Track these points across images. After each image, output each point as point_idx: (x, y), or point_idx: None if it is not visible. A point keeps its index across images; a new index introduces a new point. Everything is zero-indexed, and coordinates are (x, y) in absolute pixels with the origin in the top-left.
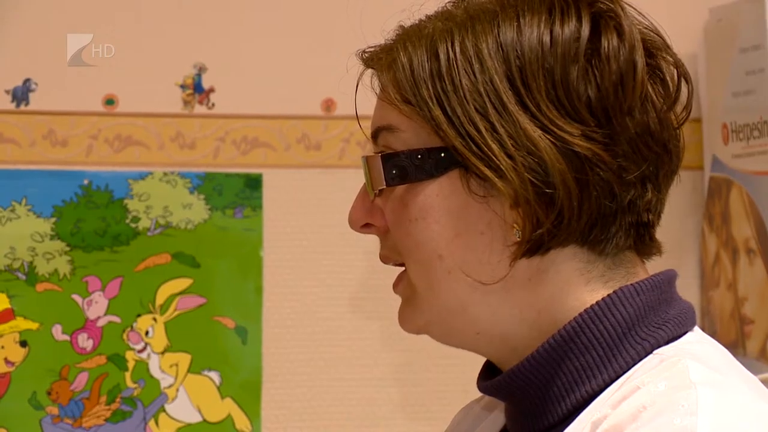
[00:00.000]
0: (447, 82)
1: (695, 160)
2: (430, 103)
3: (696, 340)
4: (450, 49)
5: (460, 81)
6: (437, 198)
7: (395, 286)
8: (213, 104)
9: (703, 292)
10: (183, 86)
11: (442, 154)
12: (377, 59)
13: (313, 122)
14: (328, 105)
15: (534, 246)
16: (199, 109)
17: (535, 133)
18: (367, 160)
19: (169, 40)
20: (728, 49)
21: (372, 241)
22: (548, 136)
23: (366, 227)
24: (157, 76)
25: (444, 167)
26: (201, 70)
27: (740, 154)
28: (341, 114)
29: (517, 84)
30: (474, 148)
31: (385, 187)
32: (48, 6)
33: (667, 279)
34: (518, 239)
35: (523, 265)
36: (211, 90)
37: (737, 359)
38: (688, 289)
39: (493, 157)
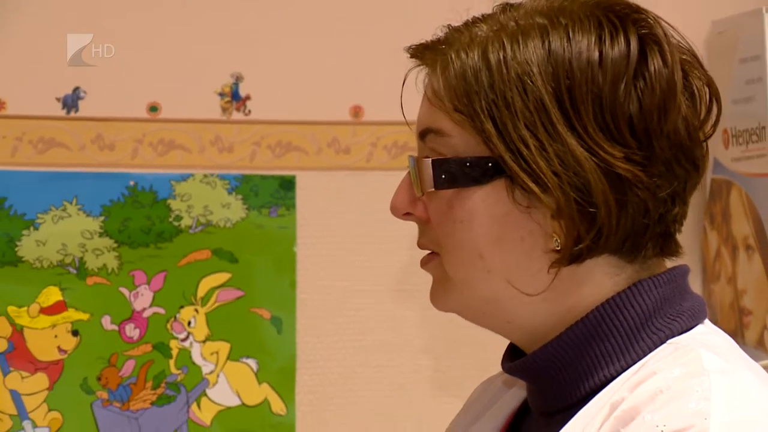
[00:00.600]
0: (499, 97)
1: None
2: (482, 116)
3: (707, 331)
4: (502, 62)
5: (512, 98)
6: (482, 204)
7: (424, 264)
8: (249, 111)
9: (705, 286)
10: (221, 94)
11: (490, 164)
12: (428, 57)
13: (343, 127)
14: (357, 111)
15: (572, 258)
16: (237, 115)
17: (582, 154)
18: (417, 162)
19: (209, 51)
20: (729, 60)
21: (398, 238)
22: (593, 158)
23: (407, 215)
24: (197, 84)
25: (491, 176)
26: (238, 79)
27: (739, 158)
28: (369, 120)
29: (566, 105)
30: (522, 163)
31: (434, 190)
32: (99, 20)
33: (681, 273)
34: (557, 248)
35: (559, 272)
36: (248, 98)
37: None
38: (691, 283)
39: (540, 174)
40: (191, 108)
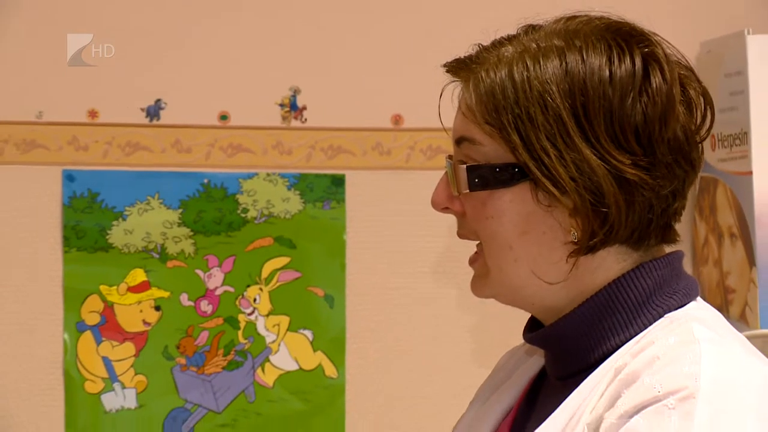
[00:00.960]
0: (523, 112)
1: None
2: (509, 129)
3: (699, 307)
4: (526, 81)
5: (534, 113)
6: (510, 203)
7: (472, 262)
8: (305, 119)
9: (695, 268)
10: (282, 105)
11: (516, 170)
12: (462, 74)
13: (385, 133)
14: (397, 119)
15: (588, 249)
16: (294, 123)
17: (595, 162)
18: (453, 166)
19: (271, 67)
20: (715, 74)
21: (433, 228)
22: (605, 165)
23: (445, 209)
24: (261, 96)
25: (517, 180)
26: (296, 92)
27: (725, 159)
28: (407, 127)
29: (581, 119)
30: (544, 169)
31: (468, 191)
32: (185, 44)
33: (678, 258)
34: (574, 240)
35: (577, 261)
36: (304, 108)
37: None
38: (684, 266)
39: (559, 179)
40: (256, 117)
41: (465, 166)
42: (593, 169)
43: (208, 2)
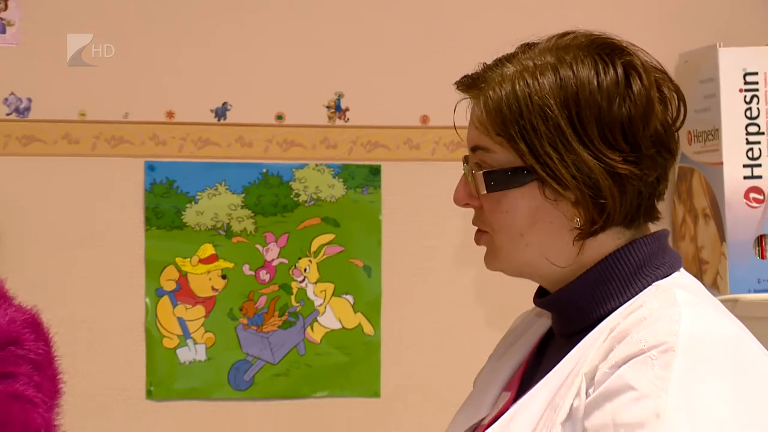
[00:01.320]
0: (527, 124)
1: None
2: (516, 138)
3: (681, 276)
4: (528, 97)
5: (537, 124)
6: (522, 200)
7: (477, 240)
8: (348, 119)
9: (674, 243)
10: (328, 107)
11: (525, 172)
12: (472, 92)
13: (414, 131)
14: (424, 119)
15: (589, 234)
16: (339, 122)
17: (591, 161)
18: (471, 170)
19: (319, 75)
20: (692, 81)
21: (454, 210)
22: (600, 163)
23: (465, 205)
24: (310, 100)
25: (526, 180)
26: (340, 96)
27: (699, 151)
28: (433, 125)
29: (576, 125)
30: (548, 171)
31: (486, 193)
32: (244, 50)
33: (664, 235)
34: (577, 226)
35: (577, 243)
36: (347, 109)
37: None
38: None
39: (562, 178)
40: (306, 117)
41: (482, 172)
42: (590, 167)
43: (268, 23)
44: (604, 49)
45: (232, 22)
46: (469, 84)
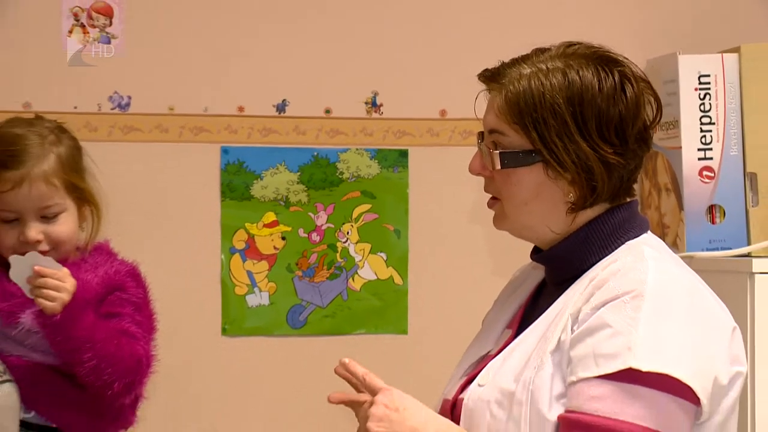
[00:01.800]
0: (539, 117)
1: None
2: (529, 127)
3: (648, 237)
4: (541, 94)
5: (547, 117)
6: (528, 176)
7: (490, 206)
8: (382, 112)
9: (642, 212)
10: (366, 103)
11: (533, 154)
12: (493, 86)
13: (435, 122)
14: (443, 112)
15: (581, 208)
16: (374, 115)
17: (588, 151)
18: (487, 149)
19: (358, 78)
20: (657, 81)
21: (468, 184)
22: (595, 153)
23: (478, 174)
24: (352, 97)
25: (534, 161)
26: (375, 94)
27: (663, 138)
28: (449, 117)
29: (579, 122)
30: (553, 155)
31: (500, 168)
32: (299, 56)
33: (635, 204)
34: (571, 201)
35: (570, 215)
36: (381, 105)
37: (672, 250)
38: None
39: (564, 162)
40: (349, 110)
41: (498, 152)
42: (587, 156)
43: (319, 37)
44: (604, 60)
45: (290, 36)
46: (490, 77)
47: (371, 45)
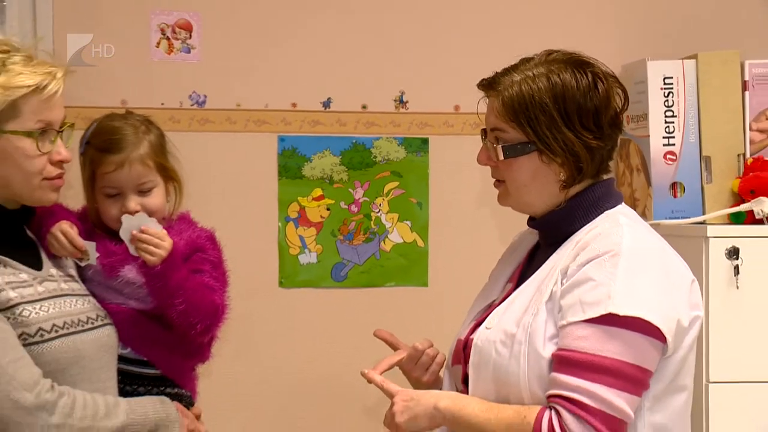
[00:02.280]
0: (531, 114)
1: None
2: (524, 124)
3: (623, 207)
4: (531, 96)
5: (537, 115)
6: (526, 163)
7: (497, 186)
8: (408, 108)
9: (617, 188)
10: (395, 100)
11: (529, 145)
12: (491, 89)
13: (450, 115)
14: (457, 108)
15: (569, 186)
16: (402, 110)
17: (573, 140)
18: (491, 143)
19: (388, 80)
20: (629, 82)
21: (477, 167)
22: (579, 140)
23: (485, 164)
24: (385, 95)
25: (530, 151)
26: (402, 93)
27: (634, 128)
28: (462, 112)
29: (564, 116)
30: (545, 145)
31: (503, 159)
32: (343, 62)
33: (611, 181)
34: (562, 180)
35: (562, 191)
36: (407, 102)
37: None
38: None
39: (554, 150)
40: (381, 106)
41: (500, 145)
42: (573, 142)
43: (358, 43)
44: (578, 63)
45: (333, 47)
46: (487, 85)
47: (399, 54)
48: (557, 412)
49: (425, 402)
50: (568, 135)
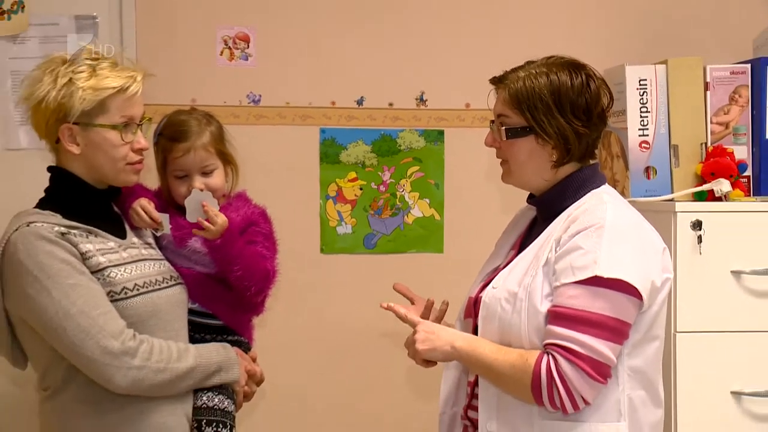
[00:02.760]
0: (532, 104)
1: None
2: (526, 112)
3: (606, 188)
4: (533, 90)
5: (536, 105)
6: (525, 144)
7: (502, 165)
8: (427, 105)
9: (601, 171)
10: (416, 99)
11: (528, 129)
12: (500, 83)
13: (462, 111)
14: (467, 105)
15: (560, 165)
16: (422, 107)
17: (566, 126)
18: (496, 127)
19: (411, 82)
20: (612, 84)
21: (483, 151)
22: (570, 127)
23: (490, 146)
24: (407, 95)
25: (528, 134)
26: (423, 93)
27: (615, 121)
28: (472, 108)
29: (559, 107)
30: (542, 129)
31: (506, 140)
32: (373, 64)
33: (597, 165)
34: (554, 160)
35: (554, 169)
36: (426, 99)
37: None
38: None
39: (550, 134)
40: (405, 104)
41: (504, 128)
42: (564, 128)
43: (384, 50)
44: (574, 66)
45: (366, 53)
46: (497, 81)
47: (419, 61)
48: (553, 357)
49: (444, 339)
50: (561, 122)
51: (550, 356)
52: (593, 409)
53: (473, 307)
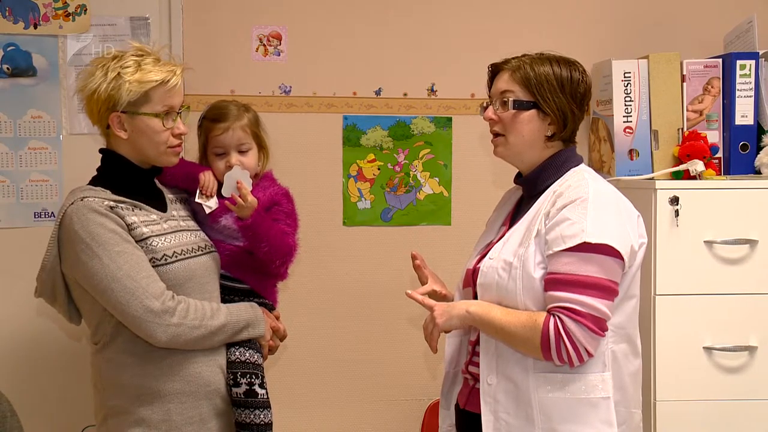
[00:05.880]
0: (537, 84)
1: (588, 112)
2: (531, 89)
3: (584, 166)
4: (538, 73)
5: (542, 83)
6: (525, 117)
7: (494, 138)
8: (437, 95)
9: (589, 154)
10: (427, 89)
11: (532, 103)
12: (504, 67)
13: (467, 100)
14: (472, 95)
15: (552, 140)
16: (432, 96)
17: (565, 104)
18: (502, 101)
19: (423, 75)
20: (599, 78)
21: (483, 138)
22: (568, 105)
23: (490, 120)
24: (420, 86)
25: (531, 107)
26: (434, 84)
27: (602, 109)
28: (477, 98)
29: (560, 89)
30: (545, 105)
31: (512, 110)
32: (395, 58)
33: (574, 148)
34: (549, 135)
35: (547, 142)
36: (437, 90)
37: (598, 174)
38: (582, 153)
39: (551, 110)
40: (418, 94)
41: (512, 100)
42: (565, 107)
43: (402, 43)
44: (569, 62)
45: (381, 48)
46: (497, 66)
47: (430, 56)
48: (559, 318)
49: (459, 307)
50: (563, 100)
51: (557, 317)
52: None
53: (471, 277)
